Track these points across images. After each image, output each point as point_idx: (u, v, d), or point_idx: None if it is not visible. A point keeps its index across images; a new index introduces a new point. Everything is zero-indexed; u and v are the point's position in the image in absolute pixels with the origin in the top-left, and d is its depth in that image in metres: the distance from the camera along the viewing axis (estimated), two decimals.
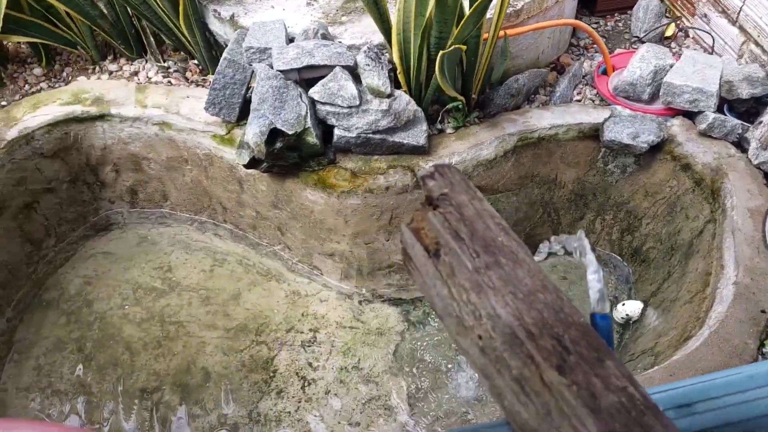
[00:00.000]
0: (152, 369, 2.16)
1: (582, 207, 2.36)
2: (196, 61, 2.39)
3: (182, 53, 2.42)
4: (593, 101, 2.35)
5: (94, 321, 2.26)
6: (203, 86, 2.32)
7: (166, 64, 2.39)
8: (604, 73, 2.41)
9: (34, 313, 2.28)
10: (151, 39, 2.37)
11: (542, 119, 2.19)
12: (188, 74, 2.37)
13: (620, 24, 2.80)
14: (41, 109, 2.18)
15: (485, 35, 1.89)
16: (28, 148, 2.14)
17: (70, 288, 2.35)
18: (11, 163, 2.10)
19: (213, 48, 2.30)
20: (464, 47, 1.70)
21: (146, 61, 2.42)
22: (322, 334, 2.26)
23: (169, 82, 2.34)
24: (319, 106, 1.92)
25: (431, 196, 0.76)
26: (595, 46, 2.63)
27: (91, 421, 2.04)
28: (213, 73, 2.35)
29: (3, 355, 2.15)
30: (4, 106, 2.30)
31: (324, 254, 2.30)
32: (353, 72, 1.91)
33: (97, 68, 2.41)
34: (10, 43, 2.43)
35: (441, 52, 1.69)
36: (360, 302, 2.35)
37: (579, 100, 2.34)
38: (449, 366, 2.17)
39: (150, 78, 2.35)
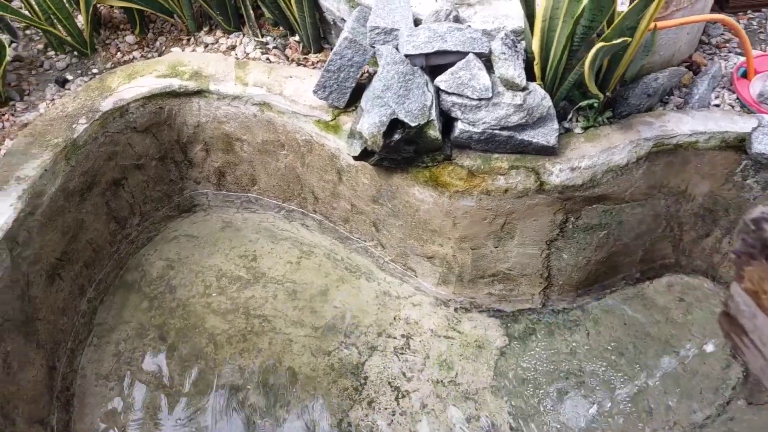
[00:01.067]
0: (237, 365, 2.03)
1: (710, 223, 2.13)
2: (297, 38, 2.22)
3: (282, 29, 2.25)
4: (732, 107, 2.11)
5: (176, 308, 2.14)
6: (305, 66, 2.15)
7: (264, 40, 2.23)
8: (744, 75, 2.16)
9: (115, 294, 2.17)
10: (251, 11, 2.22)
11: (681, 124, 1.96)
12: (288, 52, 2.21)
13: (754, 23, 2.53)
14: (137, 80, 2.05)
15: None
16: (121, 121, 2.01)
17: (152, 271, 2.23)
18: (104, 136, 1.98)
19: (318, 25, 2.13)
20: (630, 39, 1.49)
21: (243, 35, 2.26)
22: (416, 341, 2.10)
23: (268, 59, 2.19)
24: (443, 97, 1.74)
25: None
26: (728, 44, 2.37)
27: (173, 418, 1.92)
28: (315, 52, 2.19)
29: (83, 338, 2.04)
30: (96, 74, 2.18)
31: (422, 256, 2.13)
32: (486, 61, 1.72)
33: (192, 39, 2.27)
34: (103, 8, 2.30)
35: (601, 44, 1.48)
36: (456, 310, 2.17)
37: (718, 105, 2.10)
38: (556, 389, 1.98)
39: (248, 53, 2.20)
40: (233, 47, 2.23)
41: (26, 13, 2.10)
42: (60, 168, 1.87)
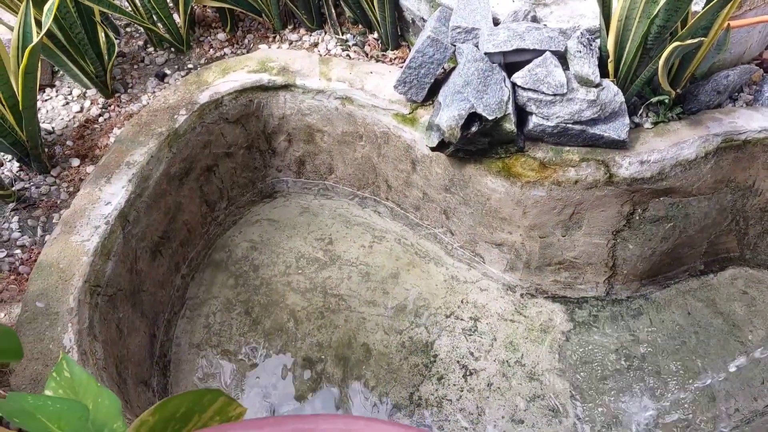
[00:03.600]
0: (315, 340, 2.19)
1: None
2: (375, 36, 2.36)
3: (361, 27, 2.39)
4: None
5: (260, 285, 2.32)
6: (383, 62, 2.28)
7: (344, 37, 2.37)
8: None
9: (204, 272, 2.36)
10: (332, 10, 2.36)
11: (751, 121, 2.01)
12: (367, 48, 2.34)
13: None
14: (230, 75, 2.22)
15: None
16: (216, 112, 2.19)
17: (237, 251, 2.41)
18: (201, 126, 2.16)
19: (396, 23, 2.26)
20: (704, 40, 1.56)
21: (325, 33, 2.41)
22: (483, 323, 2.22)
23: (348, 55, 2.33)
24: (519, 92, 1.84)
25: None
26: None
27: (258, 385, 2.10)
28: (393, 49, 2.32)
29: (177, 310, 2.24)
30: (191, 69, 2.36)
31: (491, 243, 2.24)
32: (561, 58, 1.81)
33: (277, 37, 2.43)
34: (197, 7, 2.49)
35: (676, 44, 1.56)
36: (522, 295, 2.28)
37: None
38: (618, 374, 2.07)
39: (329, 50, 2.35)
40: (316, 44, 2.38)
41: (130, 11, 2.30)
42: (164, 155, 2.06)
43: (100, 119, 2.24)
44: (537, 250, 2.16)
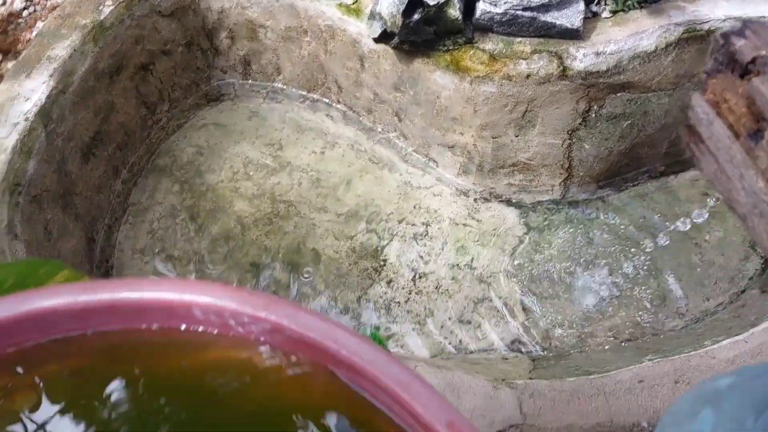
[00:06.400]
0: (263, 245, 2.13)
1: None
2: None
3: None
4: None
5: (206, 191, 2.23)
6: None
7: None
8: None
9: (148, 178, 2.27)
10: None
11: (716, 9, 1.88)
12: None
13: None
14: None
15: None
16: (147, 4, 2.04)
17: (183, 156, 2.31)
18: (130, 19, 2.01)
19: None
20: None
21: None
22: (435, 228, 2.16)
23: None
24: None
25: (740, 60, 0.58)
26: None
27: None
28: None
29: (119, 216, 2.16)
30: None
31: (443, 146, 2.15)
32: None
33: None
34: None
35: None
36: (476, 200, 2.21)
37: None
38: (571, 275, 2.03)
39: None
40: None
41: None
42: (89, 49, 1.92)
43: (24, 13, 2.08)
44: (489, 151, 2.07)
